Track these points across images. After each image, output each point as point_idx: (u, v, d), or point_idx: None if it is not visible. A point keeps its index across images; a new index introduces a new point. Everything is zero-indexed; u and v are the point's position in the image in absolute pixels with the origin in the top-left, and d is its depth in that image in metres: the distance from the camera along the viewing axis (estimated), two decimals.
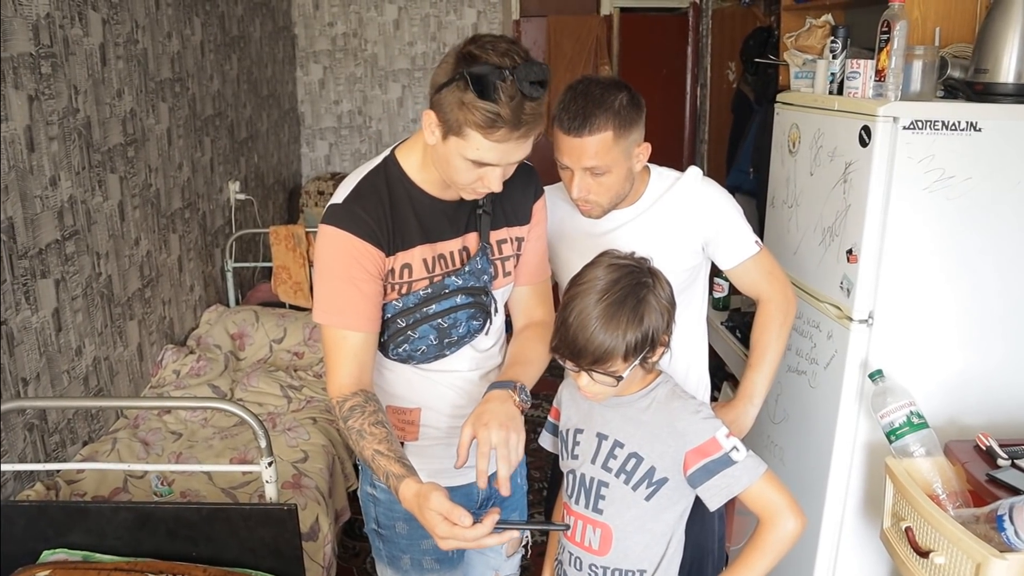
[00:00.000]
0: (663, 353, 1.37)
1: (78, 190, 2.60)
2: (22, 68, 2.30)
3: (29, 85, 2.33)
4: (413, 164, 1.46)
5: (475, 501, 1.67)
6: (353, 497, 2.80)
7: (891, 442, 1.80)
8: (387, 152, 1.50)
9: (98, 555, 1.92)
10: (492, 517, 1.19)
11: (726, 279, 2.99)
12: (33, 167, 2.35)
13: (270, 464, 1.92)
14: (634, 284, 1.31)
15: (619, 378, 1.32)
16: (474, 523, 1.18)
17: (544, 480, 3.25)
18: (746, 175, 3.65)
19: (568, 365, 1.35)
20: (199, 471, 2.47)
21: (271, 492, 1.94)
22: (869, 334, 1.94)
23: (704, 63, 5.19)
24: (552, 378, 1.57)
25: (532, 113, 1.27)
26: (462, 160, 1.32)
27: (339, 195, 1.45)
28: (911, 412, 1.77)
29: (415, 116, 5.56)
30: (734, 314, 2.98)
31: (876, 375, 1.85)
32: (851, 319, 1.95)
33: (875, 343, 1.94)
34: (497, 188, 1.37)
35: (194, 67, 3.66)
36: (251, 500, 2.39)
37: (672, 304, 1.35)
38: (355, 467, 2.90)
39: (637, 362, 1.32)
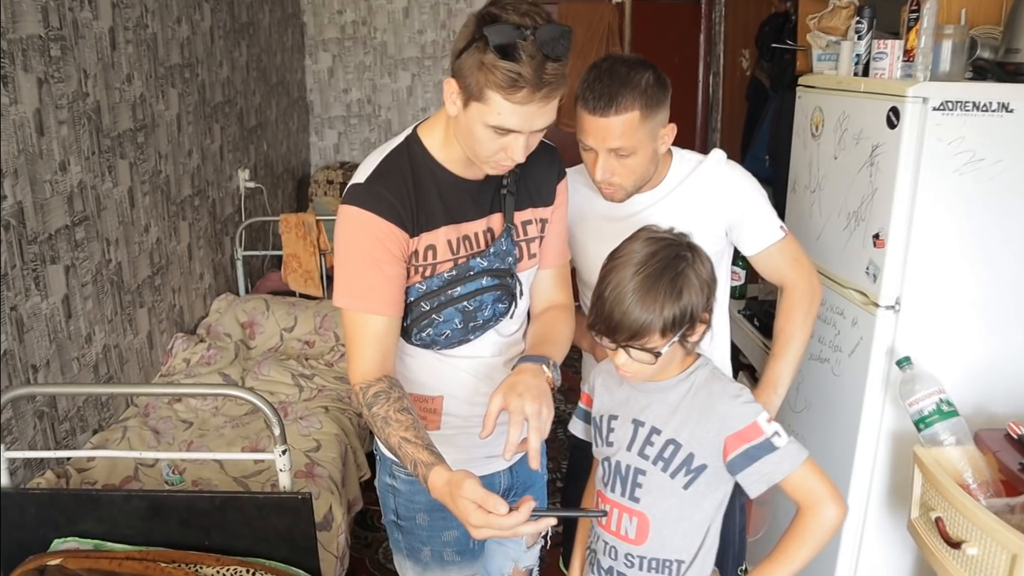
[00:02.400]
0: (704, 332, 1.33)
1: (88, 175, 2.57)
2: (31, 50, 2.26)
3: (38, 68, 2.30)
4: (436, 142, 1.42)
5: (497, 490, 1.63)
6: (365, 487, 2.77)
7: (920, 431, 1.76)
8: (409, 130, 1.45)
9: (110, 544, 1.89)
10: (528, 504, 1.15)
11: (743, 267, 2.95)
12: (43, 151, 2.32)
13: (284, 452, 1.89)
14: (672, 257, 1.27)
15: (657, 354, 1.28)
16: (509, 511, 1.14)
17: (558, 471, 3.22)
18: (762, 162, 3.60)
19: (604, 342, 1.31)
20: (211, 459, 2.45)
21: (285, 481, 1.91)
22: (896, 320, 1.90)
23: (717, 51, 5.13)
24: (574, 373, 1.54)
25: (554, 73, 1.24)
26: (484, 128, 1.28)
27: (360, 174, 1.40)
28: (941, 400, 1.73)
29: (425, 105, 5.51)
30: (751, 302, 2.94)
31: (904, 362, 1.81)
32: (877, 305, 1.91)
33: (902, 330, 1.90)
34: (521, 157, 1.33)
35: (203, 53, 3.63)
36: (264, 489, 2.36)
37: (713, 280, 1.31)
38: (368, 457, 2.87)
39: (676, 339, 1.28)
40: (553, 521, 1.19)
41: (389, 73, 5.48)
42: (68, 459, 2.37)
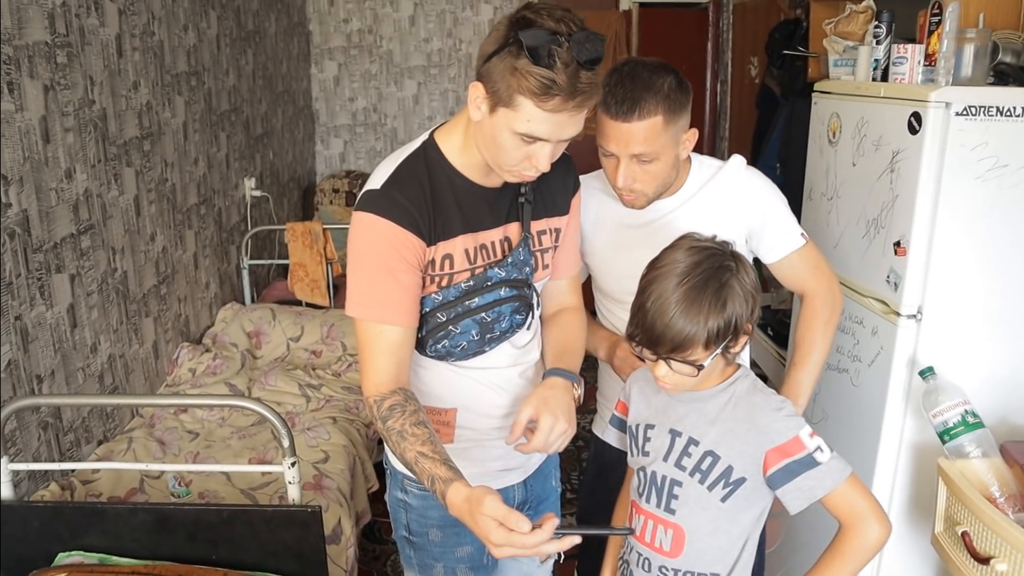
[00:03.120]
0: (746, 343, 1.30)
1: (94, 183, 2.54)
2: (37, 57, 2.24)
3: (44, 75, 2.27)
4: (454, 148, 1.38)
5: (511, 505, 1.60)
6: (373, 499, 2.73)
7: (944, 442, 1.72)
8: (425, 135, 1.42)
9: (115, 558, 1.86)
10: (552, 521, 1.12)
11: (757, 275, 2.92)
12: (48, 159, 2.29)
13: (293, 464, 1.85)
14: (716, 267, 1.23)
15: (700, 367, 1.24)
16: (532, 528, 1.11)
17: (568, 481, 3.18)
18: (773, 171, 3.55)
19: (645, 354, 1.27)
20: (217, 471, 2.41)
21: (294, 493, 1.88)
22: (917, 330, 1.86)
23: (724, 58, 5.10)
24: (589, 385, 1.52)
25: (588, 83, 1.20)
26: (511, 135, 1.25)
27: (375, 180, 1.36)
28: (966, 411, 1.69)
29: (431, 113, 5.50)
30: (764, 311, 2.90)
31: (927, 372, 1.77)
32: (898, 314, 1.87)
33: (924, 339, 1.86)
34: (546, 167, 1.30)
35: (210, 61, 3.61)
36: (271, 501, 2.33)
37: (757, 290, 1.27)
38: (376, 468, 2.83)
39: (719, 351, 1.24)
40: (577, 539, 1.15)
41: (395, 82, 5.47)
42: (73, 471, 2.33)
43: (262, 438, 2.69)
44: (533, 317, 1.51)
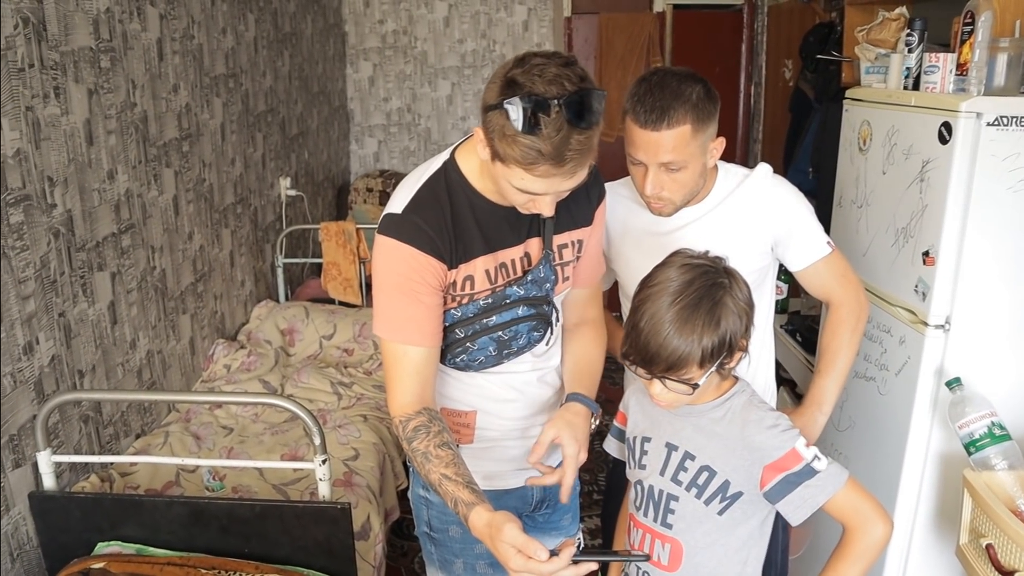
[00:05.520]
0: (741, 359, 1.30)
1: (134, 184, 2.61)
2: (82, 62, 2.31)
3: (89, 79, 2.34)
4: (474, 168, 1.39)
5: (529, 503, 1.63)
6: (402, 496, 2.78)
7: (970, 454, 1.71)
8: (447, 155, 1.42)
9: (151, 548, 1.92)
10: (569, 549, 1.14)
11: (786, 281, 2.91)
12: (91, 160, 2.36)
13: (324, 462, 1.90)
14: (709, 285, 1.23)
15: (695, 386, 1.25)
16: (550, 556, 1.13)
17: (594, 483, 3.20)
18: (805, 175, 3.54)
19: (639, 372, 1.28)
20: (251, 467, 2.47)
21: (324, 490, 1.92)
22: (945, 340, 1.85)
23: (759, 61, 5.08)
24: (611, 384, 1.54)
25: (579, 148, 1.18)
26: (509, 185, 1.26)
27: (396, 204, 1.37)
28: (992, 423, 1.69)
29: (464, 114, 5.54)
30: (794, 317, 2.90)
31: (954, 383, 1.77)
32: (926, 324, 1.86)
33: (952, 350, 1.85)
34: (548, 213, 1.31)
35: (247, 63, 3.68)
36: (302, 497, 2.38)
37: (751, 306, 1.28)
38: (404, 466, 2.87)
39: (714, 369, 1.26)
40: (594, 566, 1.18)
41: (429, 82, 5.51)
42: (112, 463, 2.40)
43: (294, 434, 2.74)
44: (552, 333, 1.52)
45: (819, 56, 3.40)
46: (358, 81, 5.53)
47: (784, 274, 2.20)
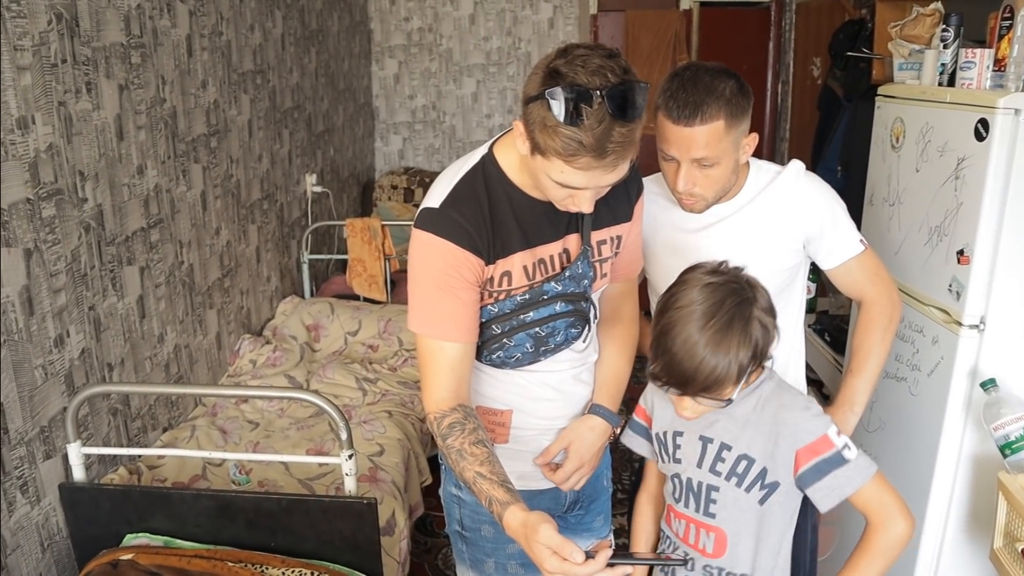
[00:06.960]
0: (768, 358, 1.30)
1: (163, 179, 2.63)
2: (113, 58, 2.33)
3: (120, 75, 2.36)
4: (512, 162, 1.37)
5: (563, 504, 1.62)
6: (427, 492, 2.78)
7: (1005, 456, 1.69)
8: (485, 149, 1.40)
9: (179, 541, 1.93)
10: (605, 552, 1.13)
11: (814, 280, 2.88)
12: (122, 155, 2.38)
13: (350, 457, 1.90)
14: (738, 303, 1.21)
15: (728, 401, 1.26)
16: (585, 559, 1.12)
17: (618, 482, 3.18)
18: (834, 173, 3.51)
19: (671, 392, 1.27)
20: (276, 461, 2.48)
21: (350, 485, 1.92)
22: (980, 340, 1.83)
23: (786, 59, 5.04)
24: (635, 383, 1.53)
25: (621, 140, 1.16)
26: (549, 180, 1.24)
27: (434, 198, 1.36)
28: None
29: (489, 111, 5.54)
30: (822, 316, 2.87)
31: (989, 384, 1.74)
32: (960, 324, 1.84)
33: (986, 350, 1.82)
34: (588, 209, 1.28)
35: (275, 60, 3.69)
36: (327, 492, 2.38)
37: (773, 310, 1.27)
38: (429, 462, 2.88)
39: (745, 379, 1.26)
40: (629, 569, 1.16)
41: (454, 79, 5.52)
42: (140, 456, 2.42)
43: (319, 430, 2.75)
44: (589, 329, 1.51)
45: (849, 53, 3.36)
46: (383, 78, 5.55)
47: (812, 273, 2.17)
